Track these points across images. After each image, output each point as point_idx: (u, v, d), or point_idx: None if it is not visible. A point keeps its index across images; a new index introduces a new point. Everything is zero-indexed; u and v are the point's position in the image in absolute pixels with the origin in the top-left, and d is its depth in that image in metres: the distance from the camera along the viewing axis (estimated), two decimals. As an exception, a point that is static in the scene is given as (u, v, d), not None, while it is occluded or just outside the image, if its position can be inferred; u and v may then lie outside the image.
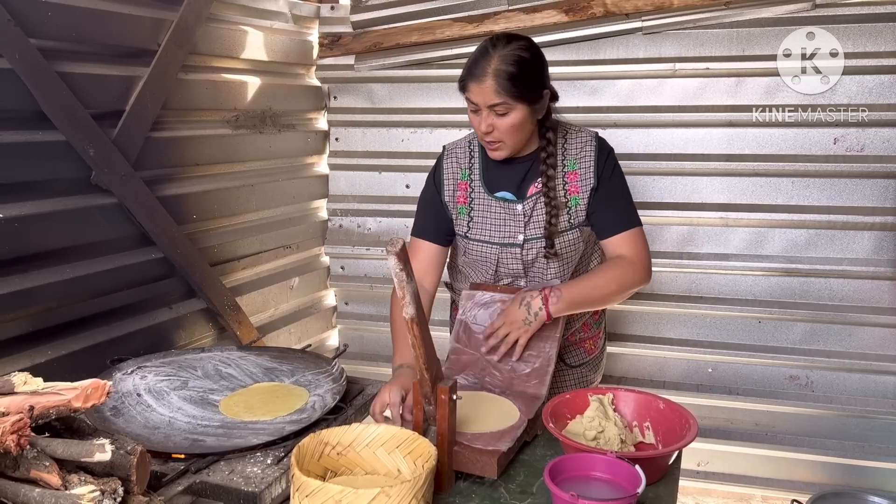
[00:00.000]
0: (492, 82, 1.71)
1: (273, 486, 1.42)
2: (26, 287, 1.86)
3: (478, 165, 1.94)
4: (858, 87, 2.72)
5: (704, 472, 3.07)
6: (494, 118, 1.76)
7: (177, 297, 2.41)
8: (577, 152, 1.89)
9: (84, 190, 2.04)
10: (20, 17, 1.79)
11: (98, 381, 1.24)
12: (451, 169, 1.97)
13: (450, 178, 1.96)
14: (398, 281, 1.33)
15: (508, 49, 1.73)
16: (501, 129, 1.77)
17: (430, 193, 2.00)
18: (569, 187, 1.88)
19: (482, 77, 1.72)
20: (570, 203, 1.88)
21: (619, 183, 1.92)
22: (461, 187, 1.95)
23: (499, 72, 1.71)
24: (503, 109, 1.74)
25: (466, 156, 1.96)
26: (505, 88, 1.71)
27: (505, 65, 1.71)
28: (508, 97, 1.72)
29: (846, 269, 2.82)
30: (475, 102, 1.76)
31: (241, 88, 2.75)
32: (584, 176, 1.88)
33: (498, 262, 1.93)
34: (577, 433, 1.61)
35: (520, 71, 1.72)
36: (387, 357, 3.32)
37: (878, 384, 2.87)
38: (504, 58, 1.72)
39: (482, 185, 1.92)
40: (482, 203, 1.92)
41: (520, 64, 1.72)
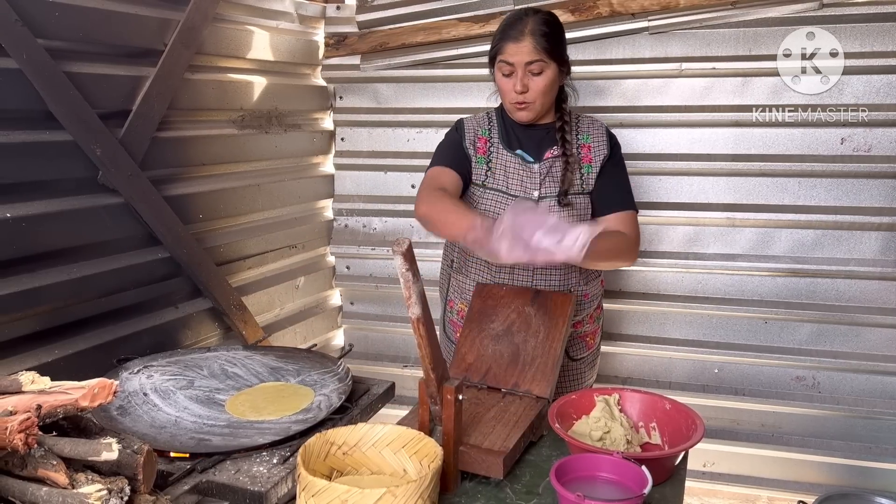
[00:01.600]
0: (530, 39, 1.87)
1: (279, 485, 1.43)
2: (33, 286, 1.87)
3: (497, 129, 2.06)
4: (865, 86, 2.71)
5: (710, 473, 3.06)
6: (530, 78, 1.90)
7: (183, 297, 2.42)
8: (590, 129, 2.06)
9: (91, 190, 2.05)
10: (27, 17, 1.80)
11: (105, 380, 1.24)
12: (471, 125, 2.08)
13: (470, 132, 2.06)
14: (404, 281, 1.33)
15: (540, 14, 1.92)
16: (534, 89, 1.91)
17: (451, 138, 2.09)
18: (583, 156, 2.01)
19: (520, 37, 1.88)
20: (584, 170, 2.00)
21: (623, 169, 2.07)
22: (481, 140, 2.06)
23: (536, 31, 1.88)
24: (538, 68, 1.89)
25: (485, 120, 2.09)
26: (542, 46, 1.87)
27: (541, 25, 1.89)
28: (545, 54, 1.88)
29: (853, 269, 2.81)
30: (511, 63, 1.89)
31: (247, 88, 2.76)
32: (597, 147, 2.03)
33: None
34: (583, 433, 1.61)
35: (553, 31, 1.91)
36: (392, 357, 3.35)
37: (886, 385, 2.86)
38: (538, 20, 1.90)
39: (501, 141, 2.04)
40: (500, 156, 2.03)
41: (553, 25, 1.92)
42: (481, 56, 3.02)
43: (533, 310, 1.90)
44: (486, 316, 1.91)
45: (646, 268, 3.02)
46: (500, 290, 1.98)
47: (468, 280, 2.12)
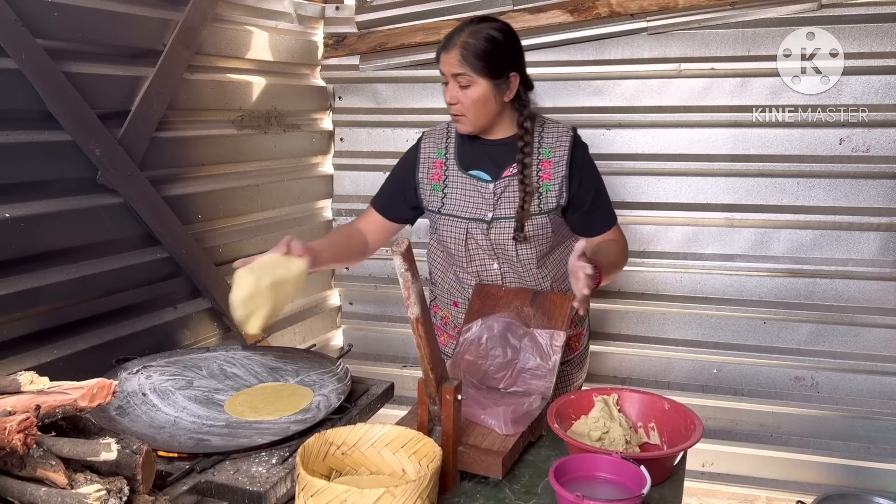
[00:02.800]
0: (456, 52, 1.83)
1: (278, 485, 1.42)
2: (32, 286, 1.87)
3: (453, 145, 2.02)
4: (864, 87, 2.72)
5: (709, 473, 3.06)
6: (458, 90, 1.86)
7: (182, 297, 2.41)
8: (553, 141, 1.97)
9: (90, 190, 2.05)
10: (26, 17, 1.80)
11: (104, 380, 1.24)
12: (427, 149, 2.06)
13: (426, 158, 2.04)
14: (403, 281, 1.33)
15: (480, 26, 1.86)
16: (464, 102, 1.87)
17: (396, 172, 2.11)
18: (542, 174, 1.95)
19: (450, 48, 1.84)
20: (542, 189, 1.94)
21: (597, 185, 2.01)
22: (436, 165, 2.03)
23: (465, 43, 1.83)
24: (465, 81, 1.85)
25: (443, 137, 2.05)
26: (468, 60, 1.83)
27: (472, 38, 1.83)
28: (470, 69, 1.83)
29: (852, 269, 2.82)
30: (443, 72, 1.88)
31: (246, 88, 2.76)
32: (558, 164, 1.95)
33: (467, 236, 1.98)
34: (582, 433, 1.61)
35: (484, 47, 1.83)
36: (391, 357, 3.35)
37: (884, 385, 2.86)
38: (473, 33, 1.84)
39: (456, 162, 2.00)
40: (456, 179, 2.00)
41: (487, 41, 1.84)
42: (480, 56, 3.03)
43: (532, 310, 1.90)
44: (485, 315, 1.91)
45: (645, 268, 3.02)
46: (499, 290, 1.98)
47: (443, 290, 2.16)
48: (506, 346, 1.84)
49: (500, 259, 2.00)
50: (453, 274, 2.10)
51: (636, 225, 3.00)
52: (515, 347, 1.84)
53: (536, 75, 2.98)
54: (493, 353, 1.84)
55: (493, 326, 1.87)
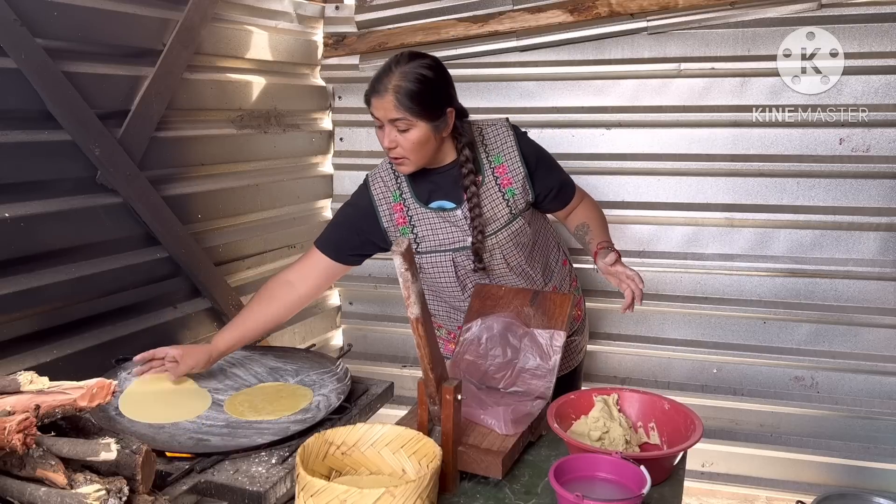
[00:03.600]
0: (391, 98, 1.74)
1: (278, 485, 1.43)
2: (32, 286, 1.86)
3: (406, 183, 1.95)
4: (864, 87, 2.72)
5: (709, 473, 3.06)
6: (397, 134, 1.78)
7: (182, 297, 2.41)
8: (499, 145, 1.93)
9: (89, 189, 2.05)
10: (26, 17, 1.80)
11: (103, 380, 1.24)
12: (380, 195, 1.97)
13: (383, 204, 1.96)
14: (403, 281, 1.33)
15: (409, 66, 1.76)
16: (404, 146, 1.79)
17: (348, 216, 2.03)
18: (501, 181, 1.92)
19: (382, 92, 1.75)
20: (507, 195, 1.92)
21: (550, 161, 2.01)
22: (396, 209, 1.96)
23: (399, 88, 1.74)
24: (404, 125, 1.77)
25: (391, 177, 1.98)
26: (404, 105, 1.74)
27: (405, 81, 1.74)
28: (408, 113, 1.75)
29: (852, 269, 2.82)
30: (377, 118, 1.79)
31: (245, 88, 2.76)
32: (513, 166, 1.92)
33: (455, 266, 1.94)
34: (582, 433, 1.61)
35: (419, 88, 1.75)
36: (391, 356, 3.34)
37: (884, 385, 2.86)
38: (404, 75, 1.75)
39: (415, 200, 1.94)
40: (421, 217, 1.93)
41: (420, 82, 1.75)
42: (480, 56, 3.04)
43: (532, 310, 1.90)
44: (485, 315, 1.91)
45: (644, 268, 2.99)
46: (499, 290, 1.98)
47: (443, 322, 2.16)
48: (506, 345, 1.84)
49: (492, 275, 1.99)
50: (445, 304, 2.09)
51: (636, 225, 3.00)
52: (515, 347, 1.84)
53: (537, 75, 3.02)
54: (492, 352, 1.84)
55: (492, 326, 1.87)
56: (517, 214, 1.93)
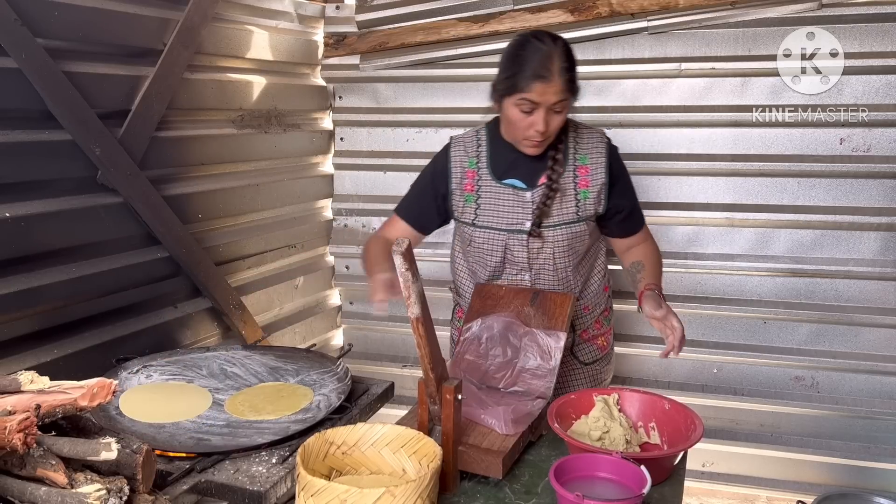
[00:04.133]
0: (559, 79, 1.75)
1: (278, 485, 1.43)
2: (32, 286, 1.87)
3: (485, 154, 1.96)
4: (864, 87, 2.71)
5: (709, 473, 3.06)
6: (553, 115, 1.79)
7: (182, 297, 2.41)
8: (589, 148, 1.95)
9: (90, 189, 2.05)
10: (27, 16, 1.80)
11: (104, 379, 1.24)
12: (458, 157, 1.99)
13: (457, 166, 1.98)
14: (403, 280, 1.33)
15: (560, 46, 1.78)
16: (553, 126, 1.81)
17: (427, 181, 2.04)
18: (579, 181, 1.92)
19: (550, 77, 1.74)
20: (580, 196, 1.92)
21: (629, 187, 2.02)
22: (468, 175, 1.97)
23: (563, 69, 1.76)
24: (562, 106, 1.79)
25: (474, 145, 1.99)
26: (567, 85, 1.77)
27: (566, 61, 1.77)
28: (569, 93, 1.78)
29: (852, 269, 2.82)
30: (536, 102, 1.76)
31: (246, 88, 2.76)
32: (595, 171, 1.93)
33: (505, 249, 1.94)
34: (583, 433, 1.61)
35: (574, 65, 1.80)
36: (391, 356, 3.34)
37: (884, 385, 2.86)
38: (563, 55, 1.77)
39: (489, 172, 1.94)
40: (490, 190, 1.94)
41: (573, 59, 1.80)
42: (481, 56, 3.03)
43: (532, 310, 1.90)
44: (485, 315, 1.91)
45: (645, 268, 3.02)
46: (499, 289, 1.98)
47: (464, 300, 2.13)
48: (506, 345, 1.84)
49: (535, 269, 1.97)
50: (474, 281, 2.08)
51: (636, 225, 3.00)
52: (515, 347, 1.84)
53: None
54: (492, 352, 1.84)
55: (492, 326, 1.87)
56: (583, 218, 1.93)
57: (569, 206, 1.92)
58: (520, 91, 1.76)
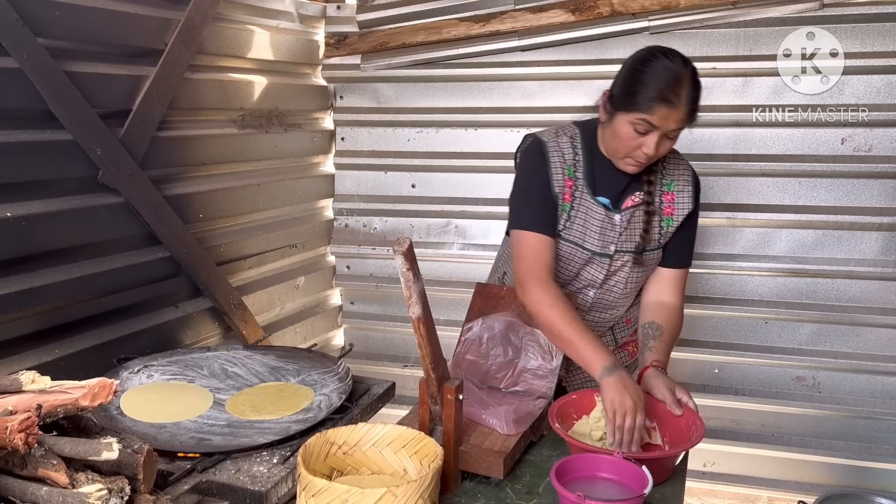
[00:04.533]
0: (685, 110, 1.65)
1: (279, 485, 1.42)
2: (33, 286, 1.87)
3: (582, 165, 1.83)
4: (866, 87, 2.71)
5: (710, 473, 3.06)
6: (665, 141, 1.69)
7: (183, 297, 2.41)
8: (676, 175, 1.87)
9: (91, 189, 2.05)
10: (28, 16, 1.80)
11: (105, 379, 1.24)
12: (557, 163, 1.83)
13: (558, 171, 1.82)
14: (405, 280, 1.33)
15: (690, 70, 1.67)
16: (661, 152, 1.71)
17: (539, 181, 1.83)
18: (664, 207, 1.85)
19: (678, 103, 1.64)
20: (664, 223, 1.85)
21: (697, 222, 1.93)
22: (567, 184, 1.82)
23: (691, 98, 1.66)
24: (676, 133, 1.70)
25: (570, 152, 1.84)
26: (692, 116, 1.68)
27: (694, 88, 1.67)
28: (689, 121, 1.69)
29: (853, 269, 2.81)
30: (655, 125, 1.65)
31: (247, 88, 2.76)
32: (681, 200, 1.86)
33: (582, 267, 1.87)
34: (584, 433, 1.61)
35: (700, 93, 1.69)
36: (392, 356, 3.34)
37: (886, 385, 2.86)
38: (693, 83, 1.67)
39: (586, 185, 1.82)
40: (584, 204, 1.83)
41: (699, 85, 1.69)
42: (482, 56, 3.03)
43: (533, 310, 1.89)
44: (486, 315, 1.91)
45: (646, 268, 3.02)
46: (500, 289, 1.98)
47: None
48: (507, 345, 1.84)
49: (605, 288, 1.90)
50: None
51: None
52: (517, 347, 1.83)
53: (538, 75, 3.02)
54: (493, 352, 1.84)
55: (493, 326, 1.87)
56: (662, 245, 1.87)
57: (652, 232, 1.84)
58: (641, 111, 1.64)
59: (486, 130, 3.13)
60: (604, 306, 1.94)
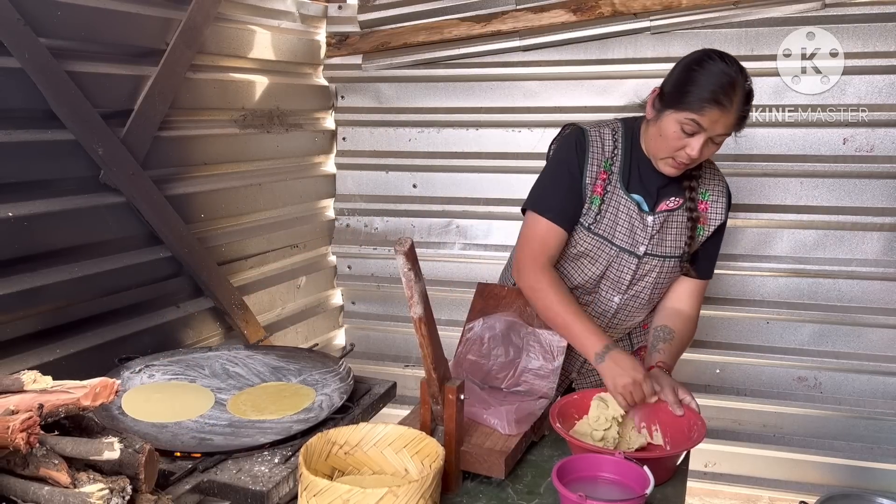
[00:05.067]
0: (735, 115, 1.64)
1: (280, 485, 1.42)
2: (35, 285, 1.87)
3: (619, 160, 1.81)
4: (868, 87, 2.71)
5: (712, 473, 3.06)
6: (709, 144, 1.67)
7: (184, 296, 2.42)
8: (711, 185, 1.86)
9: (93, 189, 2.05)
10: (30, 16, 1.80)
11: (106, 379, 1.24)
12: (595, 154, 1.80)
13: (594, 164, 1.80)
14: (406, 280, 1.33)
15: (745, 76, 1.65)
16: (705, 156, 1.70)
17: (569, 170, 1.81)
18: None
19: (729, 107, 1.61)
20: (698, 231, 1.84)
21: (723, 234, 1.90)
22: (601, 176, 1.80)
23: (742, 105, 1.64)
24: (723, 138, 1.68)
25: (611, 144, 1.82)
26: (741, 123, 1.67)
27: (747, 97, 1.65)
28: (737, 128, 1.67)
29: (855, 269, 2.81)
30: (703, 127, 1.63)
31: (248, 88, 2.76)
32: (715, 209, 1.85)
33: (609, 265, 1.84)
34: (585, 433, 1.61)
35: (752, 100, 1.67)
36: (394, 356, 3.34)
37: (887, 385, 2.85)
38: (747, 92, 1.65)
39: (620, 180, 1.80)
40: (616, 199, 1.80)
41: (752, 92, 1.67)
42: (483, 56, 3.03)
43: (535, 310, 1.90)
44: (487, 315, 1.91)
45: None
46: (501, 290, 1.98)
47: None
48: (508, 345, 1.84)
49: (627, 294, 1.88)
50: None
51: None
52: (518, 347, 1.83)
53: (539, 75, 3.02)
54: (495, 352, 1.84)
55: (494, 326, 1.87)
56: (691, 253, 1.85)
57: (682, 239, 1.83)
58: (691, 111, 1.62)
59: (487, 130, 3.13)
60: (627, 313, 1.92)
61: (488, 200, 3.15)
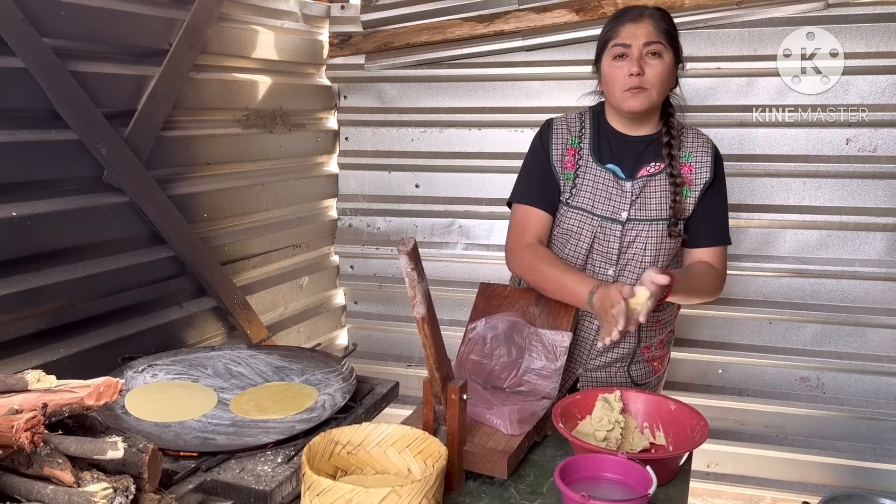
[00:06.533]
0: (649, 21, 1.79)
1: (283, 484, 1.43)
2: (38, 285, 1.87)
3: (588, 136, 1.92)
4: (871, 87, 2.71)
5: (714, 474, 3.06)
6: (647, 60, 1.78)
7: (187, 296, 2.42)
8: (695, 146, 1.91)
9: (96, 189, 2.05)
10: (33, 16, 1.80)
11: (110, 379, 1.24)
12: (560, 134, 1.93)
13: (558, 143, 1.92)
14: (409, 280, 1.33)
15: (655, 8, 1.84)
16: (650, 75, 1.78)
17: (538, 158, 1.94)
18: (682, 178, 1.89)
19: (639, 18, 1.79)
20: (680, 193, 1.87)
21: (724, 195, 1.94)
22: (569, 152, 1.91)
23: (654, 14, 1.80)
24: (657, 49, 1.78)
25: (577, 125, 1.94)
26: (660, 28, 1.79)
27: (659, 14, 1.82)
28: (664, 37, 1.79)
29: (858, 270, 2.81)
30: (627, 44, 1.78)
31: (251, 88, 2.76)
32: (699, 169, 1.89)
33: (595, 237, 1.88)
34: (587, 433, 1.61)
35: (670, 22, 1.83)
36: (396, 356, 3.35)
37: (890, 386, 2.85)
38: (658, 9, 1.83)
39: (591, 153, 1.89)
40: (589, 171, 1.89)
41: (671, 19, 1.83)
42: (486, 56, 3.03)
43: (537, 310, 1.90)
44: (489, 315, 1.91)
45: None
46: (504, 289, 1.98)
47: None
48: (510, 345, 1.84)
49: (621, 263, 1.89)
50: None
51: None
52: (520, 347, 1.83)
53: (542, 75, 3.02)
54: (497, 352, 1.84)
55: (496, 326, 1.87)
56: (681, 218, 1.87)
57: (665, 202, 1.86)
58: (611, 38, 1.81)
59: (489, 130, 3.13)
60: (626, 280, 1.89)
61: (491, 200, 3.15)
